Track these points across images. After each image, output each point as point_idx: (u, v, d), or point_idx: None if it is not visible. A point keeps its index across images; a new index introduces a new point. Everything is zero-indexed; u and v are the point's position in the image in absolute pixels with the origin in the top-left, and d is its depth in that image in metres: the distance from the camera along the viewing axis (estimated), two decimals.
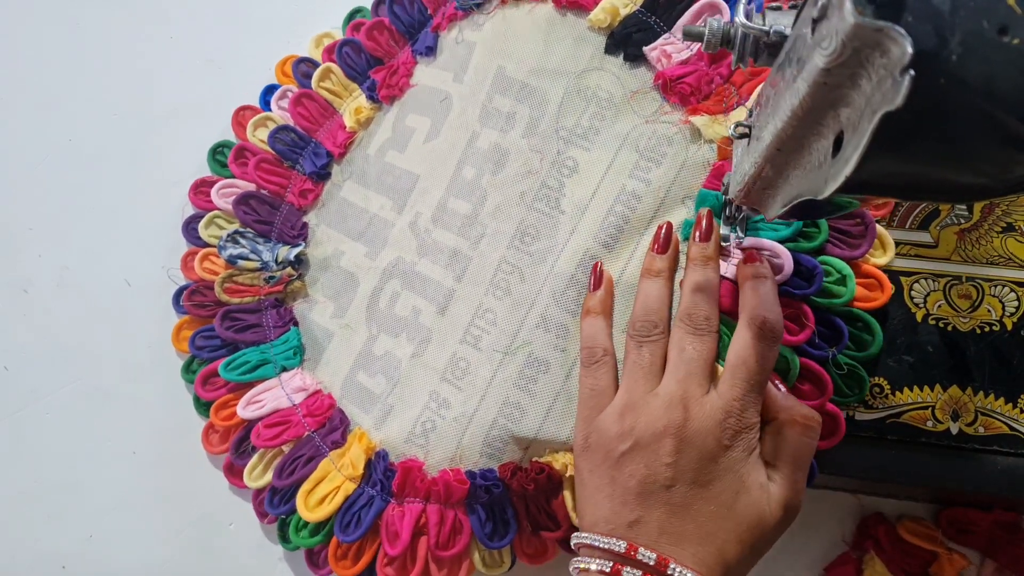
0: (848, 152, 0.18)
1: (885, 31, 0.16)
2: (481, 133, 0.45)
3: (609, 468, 0.32)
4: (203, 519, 0.49)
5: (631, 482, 0.31)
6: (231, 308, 0.49)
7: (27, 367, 0.53)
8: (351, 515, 0.41)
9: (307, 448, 0.44)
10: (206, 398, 0.48)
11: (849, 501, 0.41)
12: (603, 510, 0.32)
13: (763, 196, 0.29)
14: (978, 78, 0.16)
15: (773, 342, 0.32)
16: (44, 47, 0.60)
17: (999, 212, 0.38)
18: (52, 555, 0.49)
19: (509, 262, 0.42)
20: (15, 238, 0.56)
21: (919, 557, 0.39)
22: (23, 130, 0.58)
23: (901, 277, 0.38)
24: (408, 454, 0.42)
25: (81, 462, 0.51)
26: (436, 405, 0.42)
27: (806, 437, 0.32)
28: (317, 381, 0.47)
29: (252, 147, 0.52)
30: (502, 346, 0.41)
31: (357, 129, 0.51)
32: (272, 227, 0.51)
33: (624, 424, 0.33)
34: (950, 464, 0.36)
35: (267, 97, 0.54)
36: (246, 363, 0.47)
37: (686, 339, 0.34)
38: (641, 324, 0.35)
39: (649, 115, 0.41)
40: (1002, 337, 0.37)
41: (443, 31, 0.50)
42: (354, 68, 0.52)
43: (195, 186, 0.53)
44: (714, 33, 0.26)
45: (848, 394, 0.36)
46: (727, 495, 0.31)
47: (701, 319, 0.34)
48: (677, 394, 0.32)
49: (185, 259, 0.52)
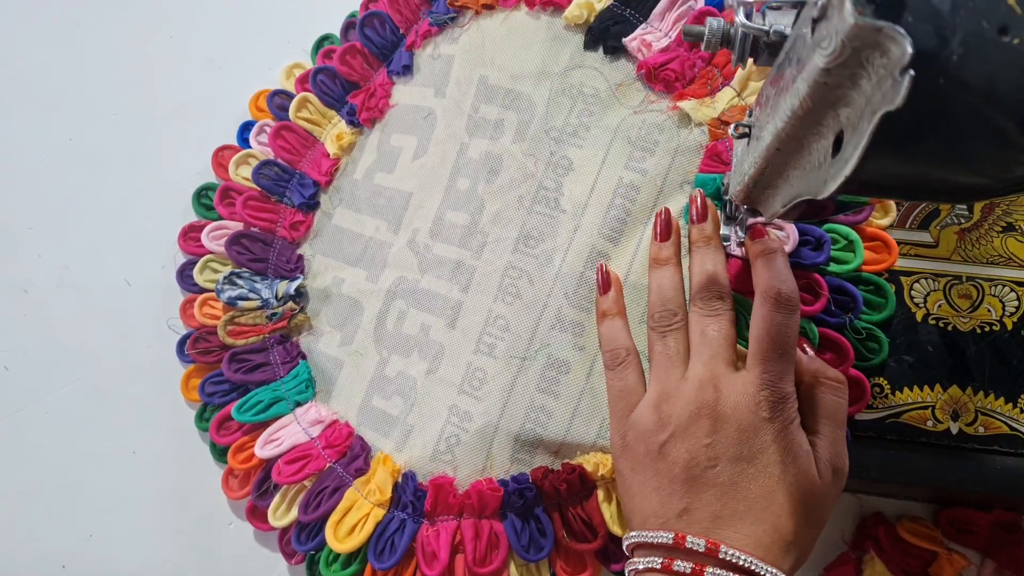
0: (848, 152, 0.18)
1: (885, 31, 0.16)
2: (471, 143, 0.45)
3: (653, 461, 0.32)
4: (203, 519, 0.49)
5: (676, 470, 0.31)
6: (237, 350, 0.48)
7: (27, 367, 0.53)
8: (384, 541, 0.40)
9: (330, 480, 0.43)
10: (222, 443, 0.47)
11: (849, 501, 0.41)
12: (652, 505, 0.31)
13: (763, 196, 0.29)
14: (978, 78, 0.16)
15: (791, 311, 0.32)
16: (45, 47, 0.60)
17: (999, 212, 0.38)
18: (52, 555, 0.49)
19: (515, 267, 0.42)
20: (15, 238, 0.56)
21: (919, 557, 0.39)
22: (23, 130, 0.58)
23: (901, 277, 0.38)
24: (436, 472, 0.41)
25: (81, 462, 0.51)
26: (457, 419, 0.41)
27: (837, 396, 0.32)
28: (332, 412, 0.46)
29: (237, 186, 0.52)
30: (519, 351, 0.40)
31: (341, 155, 0.51)
32: (267, 264, 0.50)
33: (661, 414, 0.32)
34: (950, 464, 0.36)
35: (244, 135, 0.54)
36: (259, 403, 0.47)
37: (704, 321, 0.34)
38: (660, 314, 0.35)
39: (636, 105, 0.41)
40: (1002, 337, 0.37)
41: (418, 49, 0.50)
42: (330, 95, 0.52)
43: (184, 233, 0.52)
44: (714, 33, 0.26)
45: (870, 357, 0.36)
46: (774, 467, 0.30)
47: (714, 299, 0.34)
48: (706, 375, 0.32)
49: (184, 307, 0.51)
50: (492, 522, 0.39)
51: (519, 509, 0.39)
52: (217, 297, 0.49)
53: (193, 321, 0.50)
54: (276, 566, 0.47)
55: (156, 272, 0.53)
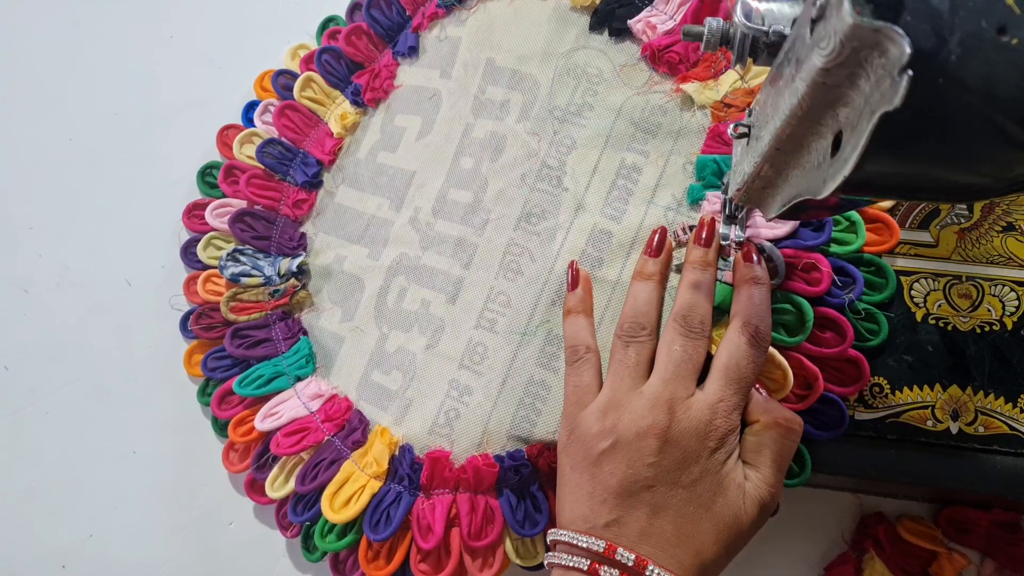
0: (847, 152, 0.18)
1: (883, 31, 0.16)
2: (476, 124, 0.46)
3: (590, 465, 0.32)
4: (203, 518, 0.49)
5: (611, 480, 0.31)
6: (239, 326, 0.49)
7: (27, 367, 0.53)
8: (380, 513, 0.41)
9: (328, 452, 0.44)
10: (223, 417, 0.47)
11: (849, 501, 0.41)
12: (582, 508, 0.32)
13: (762, 196, 0.29)
14: (977, 78, 0.16)
15: (762, 350, 0.33)
16: (44, 47, 0.60)
17: (999, 211, 0.38)
18: (52, 554, 0.49)
19: (517, 244, 0.42)
20: (15, 238, 0.56)
21: (919, 557, 0.39)
22: (23, 130, 0.58)
23: (901, 276, 0.38)
24: (433, 445, 0.41)
25: (81, 461, 0.51)
26: (457, 393, 0.42)
27: (788, 439, 0.32)
28: (332, 386, 0.46)
29: (241, 164, 0.52)
30: (519, 326, 0.41)
31: (344, 135, 0.51)
32: (270, 241, 0.51)
33: (606, 422, 0.33)
34: (950, 464, 0.36)
35: (249, 114, 0.54)
36: (260, 377, 0.47)
37: (677, 339, 0.33)
38: (629, 325, 0.35)
39: (640, 86, 0.42)
40: (1002, 336, 0.37)
41: (424, 30, 0.50)
42: (335, 75, 0.52)
43: (188, 210, 0.53)
44: (713, 33, 0.26)
45: (869, 338, 0.36)
46: (706, 496, 0.31)
47: (695, 321, 0.34)
48: (664, 395, 0.32)
49: (187, 284, 0.51)
50: (488, 497, 0.39)
51: (515, 485, 0.39)
52: (220, 274, 0.49)
53: (196, 298, 0.51)
54: (276, 566, 0.47)
55: (156, 271, 0.53)
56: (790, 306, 0.36)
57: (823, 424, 0.36)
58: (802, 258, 0.36)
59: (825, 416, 0.36)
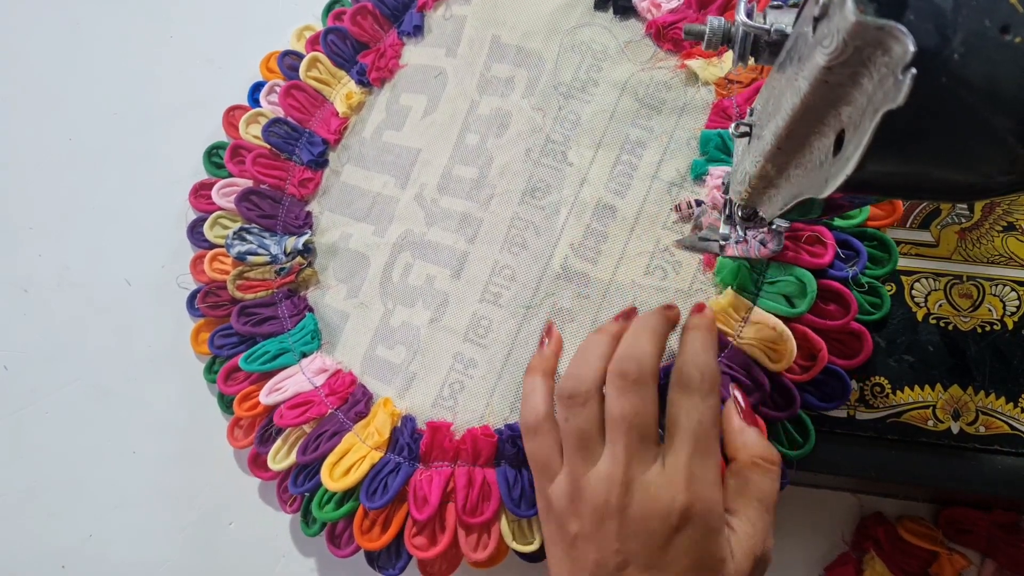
0: (849, 151, 0.18)
1: (887, 29, 0.16)
2: (481, 101, 0.46)
3: (568, 547, 0.31)
4: (203, 518, 0.49)
5: (587, 564, 0.30)
6: (246, 304, 0.49)
7: (27, 367, 0.53)
8: (377, 482, 0.41)
9: (331, 424, 0.44)
10: (229, 392, 0.48)
11: (849, 501, 0.41)
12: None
13: (764, 195, 0.29)
14: (980, 77, 0.16)
15: (713, 401, 0.31)
16: (44, 47, 0.60)
17: (1000, 211, 0.38)
18: (52, 554, 0.49)
19: (522, 218, 0.43)
20: (15, 238, 0.56)
21: (919, 557, 0.39)
22: (23, 130, 0.58)
23: (902, 276, 0.38)
24: (436, 418, 0.42)
25: (81, 461, 0.51)
26: (462, 366, 0.42)
27: (769, 478, 0.31)
28: (337, 362, 0.47)
29: (247, 144, 0.52)
30: (524, 300, 0.41)
31: (350, 114, 0.52)
32: (276, 220, 0.51)
33: (574, 507, 0.31)
34: (951, 464, 0.36)
35: (255, 94, 0.54)
36: (266, 353, 0.47)
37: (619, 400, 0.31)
38: (567, 382, 0.32)
39: (644, 62, 0.43)
40: (1003, 336, 0.37)
41: (429, 10, 0.51)
42: (340, 55, 0.53)
43: (195, 189, 0.53)
44: (715, 31, 0.26)
45: (872, 311, 0.36)
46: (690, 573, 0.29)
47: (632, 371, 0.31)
48: (617, 475, 0.30)
49: (194, 262, 0.52)
50: (486, 471, 0.39)
51: (512, 457, 0.39)
52: (227, 252, 0.50)
53: (203, 276, 0.51)
54: (276, 566, 0.47)
55: (156, 271, 0.53)
56: (793, 278, 0.36)
57: (826, 395, 0.36)
58: (806, 231, 0.37)
59: (828, 387, 0.36)
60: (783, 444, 0.36)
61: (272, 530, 0.47)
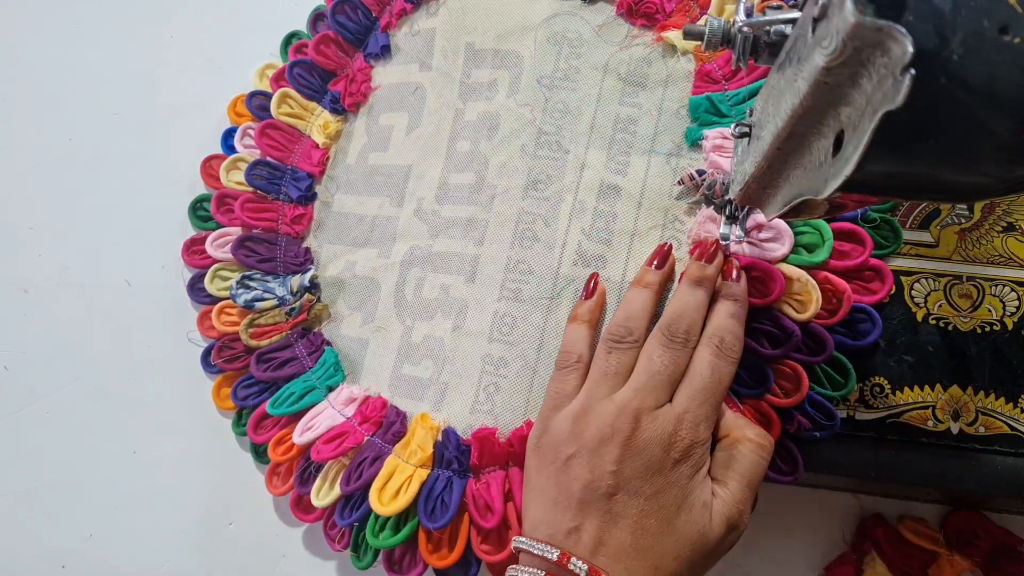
0: (849, 151, 0.18)
1: (886, 30, 0.16)
2: (466, 108, 0.46)
3: (556, 471, 0.32)
4: (203, 519, 0.49)
5: (575, 486, 0.31)
6: (262, 350, 0.48)
7: (27, 367, 0.53)
8: (434, 500, 0.40)
9: (369, 451, 0.43)
10: (260, 441, 0.47)
11: (849, 501, 0.41)
12: (545, 512, 0.32)
13: (763, 196, 0.29)
14: (979, 78, 0.16)
15: (731, 361, 0.33)
16: (44, 47, 0.60)
17: (1000, 212, 0.38)
18: (52, 555, 0.49)
19: (528, 212, 0.43)
20: (15, 238, 0.56)
21: (919, 558, 0.39)
22: (23, 130, 0.58)
23: (902, 277, 0.38)
24: (476, 424, 0.41)
25: (81, 462, 0.51)
26: (493, 367, 0.41)
27: (759, 456, 0.32)
28: (364, 389, 0.46)
29: (231, 192, 0.52)
30: (546, 291, 0.41)
31: (330, 144, 0.51)
32: (276, 262, 0.50)
33: (575, 428, 0.33)
34: (950, 464, 0.36)
35: (228, 141, 0.54)
36: (291, 395, 0.47)
37: (657, 349, 0.33)
38: (616, 328, 0.35)
39: (621, 41, 0.43)
40: (1003, 337, 0.37)
41: (393, 29, 0.51)
42: (310, 87, 0.52)
43: (187, 247, 0.52)
44: (714, 32, 0.26)
45: (885, 244, 0.37)
46: (669, 510, 0.30)
47: (680, 332, 0.33)
48: (631, 404, 0.32)
49: (201, 319, 0.51)
50: None
51: None
52: (233, 303, 0.49)
53: (213, 332, 0.50)
54: (276, 566, 0.47)
55: (156, 272, 0.53)
56: (809, 228, 0.37)
57: (858, 334, 0.36)
58: None
59: (859, 325, 0.36)
60: (826, 388, 0.36)
61: (272, 530, 0.47)
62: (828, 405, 0.36)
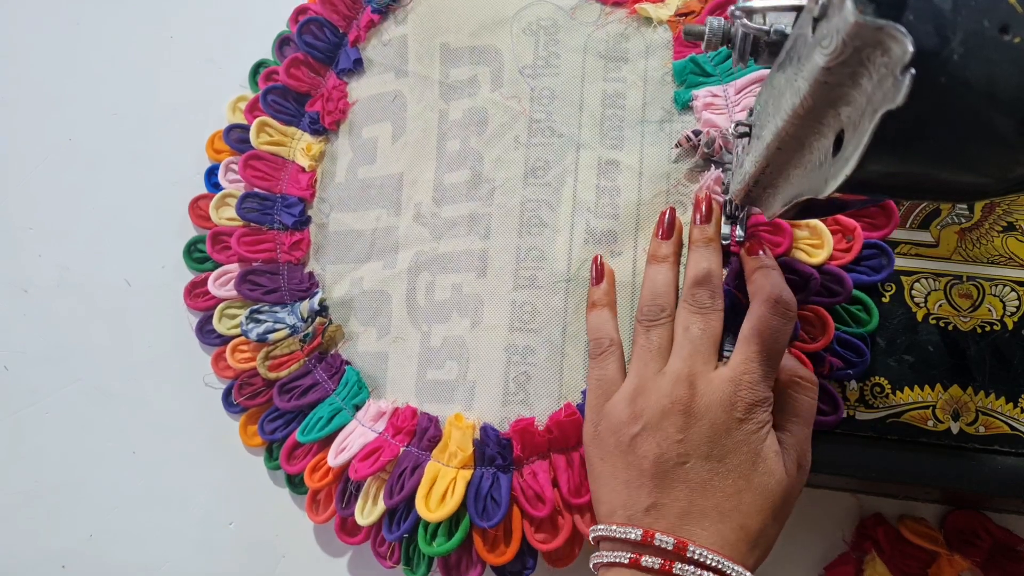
0: (849, 151, 0.18)
1: (886, 30, 0.16)
2: (450, 108, 0.46)
3: (623, 453, 0.32)
4: (203, 519, 0.49)
5: (645, 463, 0.31)
6: (283, 381, 0.48)
7: (27, 367, 0.53)
8: (483, 499, 0.40)
9: (407, 461, 0.43)
10: (295, 472, 0.46)
11: (849, 501, 0.41)
12: (620, 497, 0.32)
13: (764, 195, 0.29)
14: (979, 77, 0.16)
15: (787, 319, 0.32)
16: (44, 47, 0.60)
17: (1000, 211, 0.38)
18: (52, 555, 0.49)
19: (531, 199, 0.43)
20: (15, 238, 0.56)
21: (919, 558, 0.39)
22: (23, 130, 0.58)
23: (902, 276, 0.38)
24: (511, 417, 0.41)
25: (81, 462, 0.51)
26: (519, 357, 0.41)
27: (809, 396, 0.33)
28: (391, 402, 0.45)
29: (224, 229, 0.51)
30: (561, 274, 0.41)
31: (315, 166, 0.51)
32: (281, 292, 0.50)
33: (635, 407, 0.32)
34: (950, 464, 0.36)
35: (212, 179, 0.53)
36: (320, 420, 0.46)
37: (691, 319, 0.34)
38: (648, 308, 0.35)
39: (595, 21, 0.44)
40: (1003, 337, 0.37)
41: (363, 42, 0.51)
42: (286, 112, 0.52)
43: (188, 290, 0.52)
44: (714, 32, 0.26)
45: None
46: (744, 467, 0.30)
47: (705, 298, 0.34)
48: (683, 371, 0.32)
49: (216, 360, 0.51)
50: (581, 450, 0.38)
51: None
52: (246, 339, 0.48)
53: (229, 371, 0.50)
54: (276, 566, 0.47)
55: (156, 272, 0.53)
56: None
57: (874, 268, 0.37)
58: None
59: (873, 260, 0.37)
60: (849, 325, 0.37)
61: (272, 530, 0.47)
62: (856, 342, 0.36)
